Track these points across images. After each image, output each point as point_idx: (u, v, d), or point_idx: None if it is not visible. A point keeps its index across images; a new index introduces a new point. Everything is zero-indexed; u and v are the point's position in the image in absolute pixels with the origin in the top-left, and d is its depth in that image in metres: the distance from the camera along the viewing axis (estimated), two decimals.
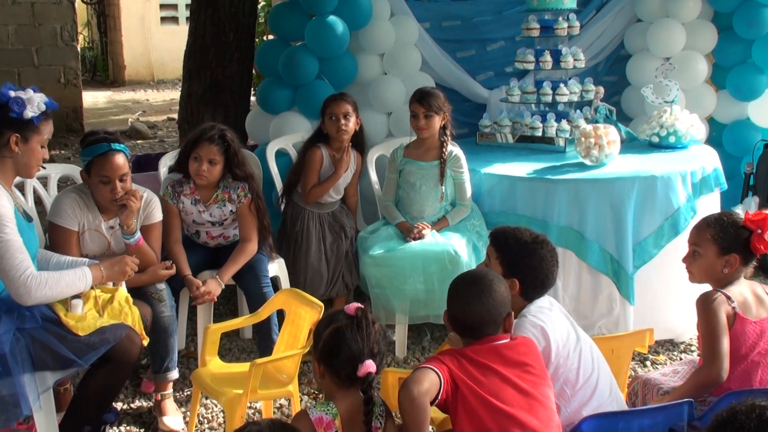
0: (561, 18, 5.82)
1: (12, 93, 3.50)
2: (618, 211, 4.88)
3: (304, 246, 5.19)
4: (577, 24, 5.93)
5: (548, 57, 5.79)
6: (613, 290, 4.95)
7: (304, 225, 5.23)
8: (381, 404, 2.84)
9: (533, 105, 5.96)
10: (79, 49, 13.26)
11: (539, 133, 5.78)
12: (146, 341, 3.84)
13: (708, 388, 3.18)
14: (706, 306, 3.24)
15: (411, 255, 4.81)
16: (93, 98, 16.69)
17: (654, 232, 4.93)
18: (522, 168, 5.22)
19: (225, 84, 7.61)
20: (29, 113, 3.50)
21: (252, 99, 8.06)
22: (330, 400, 2.77)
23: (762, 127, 6.49)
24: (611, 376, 3.27)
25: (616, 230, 4.90)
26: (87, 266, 3.71)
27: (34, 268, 3.48)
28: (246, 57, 7.72)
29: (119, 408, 4.33)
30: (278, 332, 4.26)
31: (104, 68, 20.86)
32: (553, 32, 5.83)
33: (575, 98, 5.83)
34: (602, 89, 6.03)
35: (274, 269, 4.89)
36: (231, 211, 4.72)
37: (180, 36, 10.59)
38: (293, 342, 3.93)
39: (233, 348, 5.10)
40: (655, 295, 5.01)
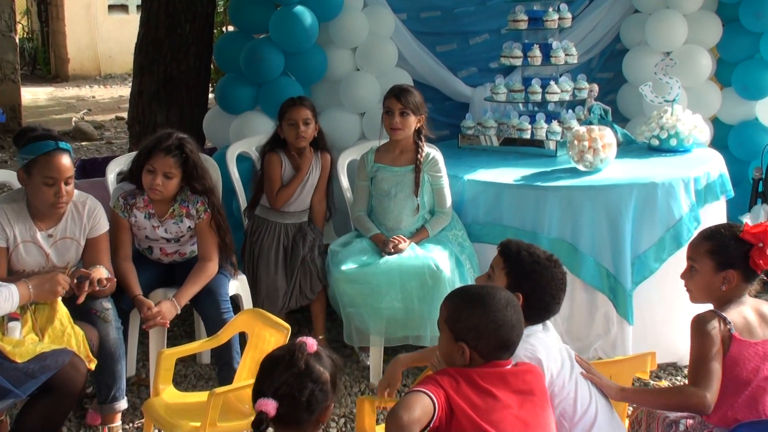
0: (551, 9, 5.84)
1: None
2: (614, 222, 4.90)
3: (264, 259, 5.20)
4: (569, 15, 5.95)
5: (537, 52, 5.80)
6: (610, 309, 4.97)
7: (266, 237, 5.23)
8: None
9: (521, 104, 5.97)
10: (18, 41, 13.17)
11: (527, 136, 5.79)
12: (93, 364, 3.81)
13: (689, 410, 3.20)
14: (698, 328, 3.24)
15: (387, 270, 4.80)
16: (33, 95, 16.60)
17: (654, 245, 4.95)
18: (509, 174, 5.23)
19: (180, 80, 7.59)
20: None
21: (210, 97, 8.02)
22: None
23: None
24: (610, 406, 3.27)
25: (613, 242, 4.91)
26: (14, 284, 3.68)
27: None
28: (203, 50, 7.70)
29: None
30: (240, 357, 4.23)
31: (45, 61, 20.76)
32: (543, 24, 5.85)
33: (567, 97, 5.85)
34: (596, 87, 6.06)
35: (235, 287, 4.87)
36: (189, 227, 4.69)
37: (130, 26, 10.58)
38: (256, 368, 3.88)
39: (189, 375, 5.07)
40: (656, 314, 5.03)
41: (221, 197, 5.08)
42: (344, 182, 5.51)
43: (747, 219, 5.65)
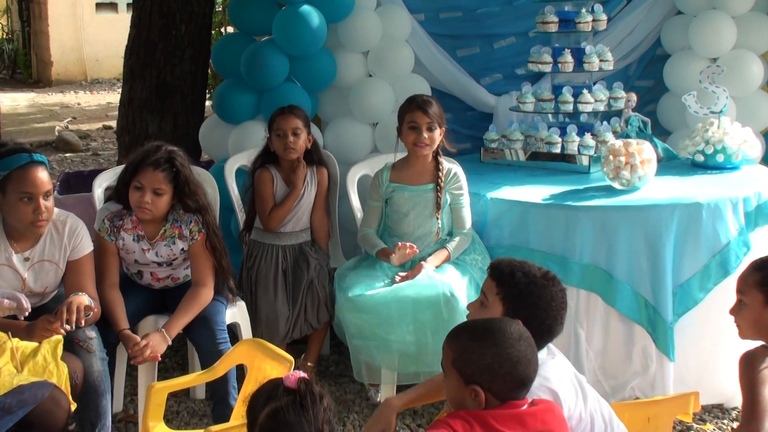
0: (584, 10, 5.84)
1: None
2: (654, 246, 4.89)
3: (262, 285, 5.20)
4: (604, 17, 5.96)
5: (569, 57, 5.81)
6: (649, 343, 4.95)
7: (263, 261, 5.25)
8: None
9: (550, 115, 5.98)
10: None
11: (557, 150, 5.79)
12: (73, 406, 3.81)
13: None
14: (747, 366, 3.24)
15: (399, 299, 4.76)
16: (12, 101, 16.69)
17: (699, 273, 4.93)
18: (536, 192, 5.23)
19: (174, 86, 7.62)
20: None
21: (207, 105, 8.06)
22: None
23: None
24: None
25: (652, 270, 4.90)
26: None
27: None
28: (200, 54, 7.74)
29: None
30: (237, 393, 4.23)
31: (26, 65, 20.89)
32: (575, 27, 5.85)
33: (601, 107, 5.85)
34: (635, 96, 6.07)
35: (233, 315, 4.87)
36: (182, 250, 4.69)
37: (120, 27, 10.63)
38: None
39: (182, 411, 5.07)
40: (700, 350, 5.01)
41: (219, 215, 5.09)
42: (354, 201, 5.50)
43: None
